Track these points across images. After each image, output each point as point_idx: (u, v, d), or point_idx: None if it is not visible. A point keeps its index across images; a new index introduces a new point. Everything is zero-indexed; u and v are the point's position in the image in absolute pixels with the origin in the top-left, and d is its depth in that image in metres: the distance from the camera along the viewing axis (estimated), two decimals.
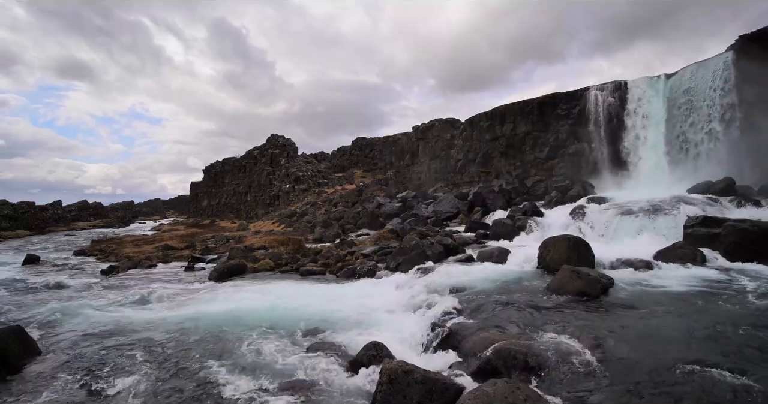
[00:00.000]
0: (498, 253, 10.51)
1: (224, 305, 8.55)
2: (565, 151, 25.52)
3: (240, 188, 54.35)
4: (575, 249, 8.59)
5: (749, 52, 17.93)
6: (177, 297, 10.00)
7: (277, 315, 7.47)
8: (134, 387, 4.97)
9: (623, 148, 22.85)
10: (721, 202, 12.86)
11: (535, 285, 7.64)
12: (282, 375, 5.07)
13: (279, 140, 51.00)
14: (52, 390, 4.97)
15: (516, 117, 28.36)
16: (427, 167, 37.22)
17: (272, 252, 15.57)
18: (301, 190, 44.58)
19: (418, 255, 11.45)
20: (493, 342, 4.77)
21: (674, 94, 20.85)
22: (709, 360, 4.01)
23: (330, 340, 6.09)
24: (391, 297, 8.43)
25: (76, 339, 6.90)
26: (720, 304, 5.89)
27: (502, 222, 15.53)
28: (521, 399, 3.25)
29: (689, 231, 10.03)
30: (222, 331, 6.77)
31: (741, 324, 5.04)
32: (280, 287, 10.52)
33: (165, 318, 7.87)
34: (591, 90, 24.46)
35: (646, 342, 4.64)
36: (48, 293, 11.35)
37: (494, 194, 22.48)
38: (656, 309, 5.83)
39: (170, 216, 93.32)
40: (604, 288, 6.68)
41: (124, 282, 12.50)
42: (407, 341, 5.81)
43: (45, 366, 5.78)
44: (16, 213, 46.42)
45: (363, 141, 57.21)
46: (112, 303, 9.55)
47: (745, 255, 8.55)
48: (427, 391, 3.72)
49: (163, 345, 6.35)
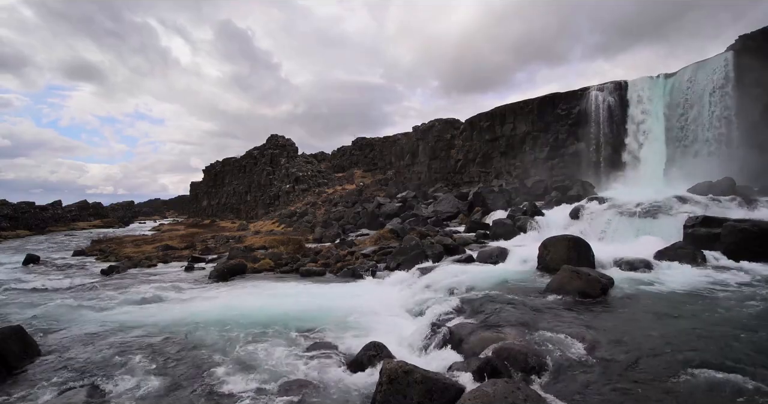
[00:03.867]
0: (498, 253, 10.51)
1: (224, 305, 8.55)
2: (565, 151, 25.52)
3: (240, 188, 54.35)
4: (575, 249, 8.59)
5: (749, 51, 17.94)
6: (177, 297, 10.00)
7: (276, 315, 7.47)
8: (134, 387, 4.97)
9: (623, 147, 22.87)
10: (721, 201, 12.86)
11: (535, 285, 7.64)
12: (282, 375, 5.06)
13: (279, 140, 51.01)
14: (52, 390, 4.96)
15: (516, 117, 28.37)
16: (427, 167, 37.22)
17: (272, 252, 15.57)
18: (301, 190, 44.59)
19: (418, 255, 11.45)
20: (493, 342, 4.78)
21: (674, 93, 20.85)
22: (709, 360, 4.01)
23: (330, 340, 6.10)
24: (391, 297, 8.44)
25: (77, 339, 6.90)
26: (720, 304, 5.89)
27: (502, 222, 15.53)
28: (521, 399, 3.25)
29: (689, 231, 10.03)
30: (222, 331, 6.77)
31: (741, 324, 5.04)
32: (280, 287, 10.52)
33: (165, 318, 7.87)
34: (591, 90, 24.45)
35: (645, 342, 4.64)
36: (48, 293, 11.34)
37: (494, 194, 22.47)
38: (656, 309, 5.84)
39: (170, 216, 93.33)
40: (604, 288, 6.68)
41: (124, 283, 12.50)
42: (407, 341, 5.81)
43: (45, 366, 5.78)
44: (16, 213, 46.38)
45: (363, 141, 57.20)
46: (112, 303, 9.55)
47: (746, 255, 8.56)
48: (427, 391, 3.72)
49: (163, 345, 6.35)
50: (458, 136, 34.39)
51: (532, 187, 24.35)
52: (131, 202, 76.74)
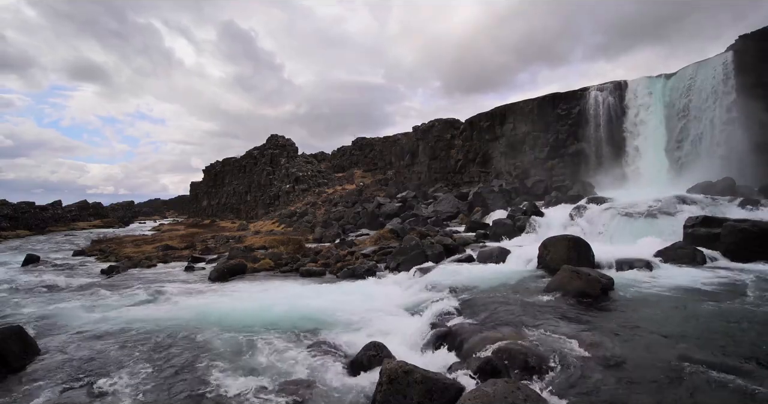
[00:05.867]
0: (498, 253, 10.51)
1: (224, 305, 8.55)
2: (565, 151, 25.51)
3: (240, 188, 54.35)
4: (575, 249, 8.58)
5: (749, 51, 17.93)
6: (177, 297, 10.00)
7: (276, 315, 7.47)
8: (134, 387, 4.97)
9: (623, 147, 22.86)
10: (721, 201, 12.86)
11: (535, 285, 7.64)
12: (282, 375, 5.07)
13: (279, 140, 51.02)
14: (52, 390, 4.97)
15: (516, 117, 28.36)
16: (427, 167, 37.21)
17: (272, 252, 15.57)
18: (301, 190, 44.59)
19: (418, 255, 11.45)
20: (493, 342, 4.77)
21: (674, 93, 20.85)
22: (709, 361, 4.01)
23: (330, 340, 6.09)
24: (391, 297, 8.44)
25: (76, 338, 6.91)
26: (720, 304, 5.89)
27: (502, 222, 15.53)
28: (521, 399, 3.25)
29: (689, 231, 10.02)
30: (222, 331, 6.77)
31: (741, 324, 5.04)
32: (280, 287, 10.52)
33: (165, 318, 7.87)
34: (591, 90, 24.45)
35: (645, 342, 4.64)
36: (48, 293, 11.35)
37: (494, 194, 22.48)
38: (656, 309, 5.84)
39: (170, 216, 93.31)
40: (603, 289, 6.67)
41: (124, 283, 12.49)
42: (407, 341, 5.81)
43: (45, 366, 5.78)
44: (15, 213, 46.36)
45: (363, 141, 57.21)
46: (111, 303, 9.55)
47: (746, 255, 8.55)
48: (427, 391, 3.72)
49: (163, 345, 6.36)
50: (458, 136, 34.38)
51: (532, 187, 24.36)
52: (131, 202, 76.72)
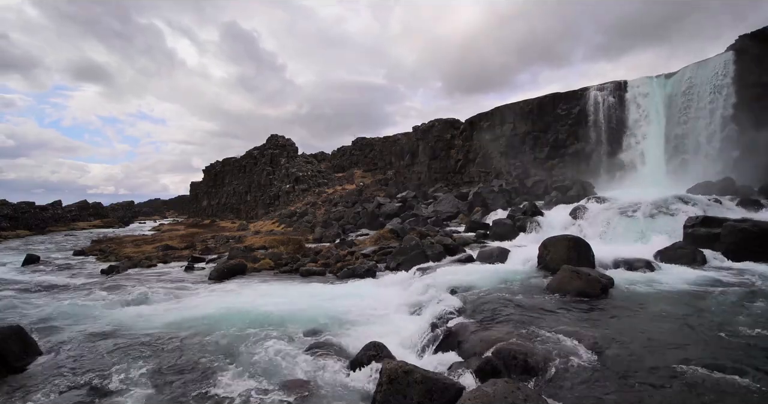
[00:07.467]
0: (498, 253, 10.51)
1: (224, 305, 8.54)
2: (565, 151, 25.53)
3: (240, 188, 54.34)
4: (575, 249, 8.59)
5: (749, 51, 17.94)
6: (177, 297, 10.00)
7: (276, 315, 7.47)
8: (133, 387, 4.97)
9: (623, 147, 22.87)
10: (721, 201, 12.87)
11: (535, 285, 7.64)
12: (281, 375, 5.06)
13: (279, 140, 51.01)
14: (52, 391, 4.97)
15: (516, 117, 28.37)
16: (427, 167, 37.21)
17: (272, 252, 15.57)
18: (301, 190, 44.58)
19: (418, 255, 11.45)
20: (493, 342, 4.77)
21: (674, 93, 20.86)
22: (709, 361, 4.01)
23: (330, 340, 6.09)
24: (391, 297, 8.43)
25: (77, 339, 6.90)
26: (720, 304, 5.89)
27: (502, 222, 15.54)
28: (521, 399, 3.25)
29: (689, 231, 10.03)
30: (222, 331, 6.76)
31: (741, 324, 5.04)
32: (280, 287, 10.52)
33: (165, 318, 7.87)
34: (591, 90, 24.46)
35: (646, 342, 4.64)
36: (48, 293, 11.34)
37: (494, 194, 22.49)
38: (656, 310, 5.84)
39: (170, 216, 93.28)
40: (604, 288, 6.68)
41: (124, 282, 12.48)
42: (407, 341, 5.81)
43: (46, 366, 5.77)
44: (15, 213, 46.34)
45: (363, 141, 57.20)
46: (112, 303, 9.54)
47: (746, 255, 8.56)
48: (427, 391, 3.72)
49: (163, 345, 6.35)
50: (458, 136, 34.39)
51: (532, 186, 24.36)
52: (131, 202, 76.69)
